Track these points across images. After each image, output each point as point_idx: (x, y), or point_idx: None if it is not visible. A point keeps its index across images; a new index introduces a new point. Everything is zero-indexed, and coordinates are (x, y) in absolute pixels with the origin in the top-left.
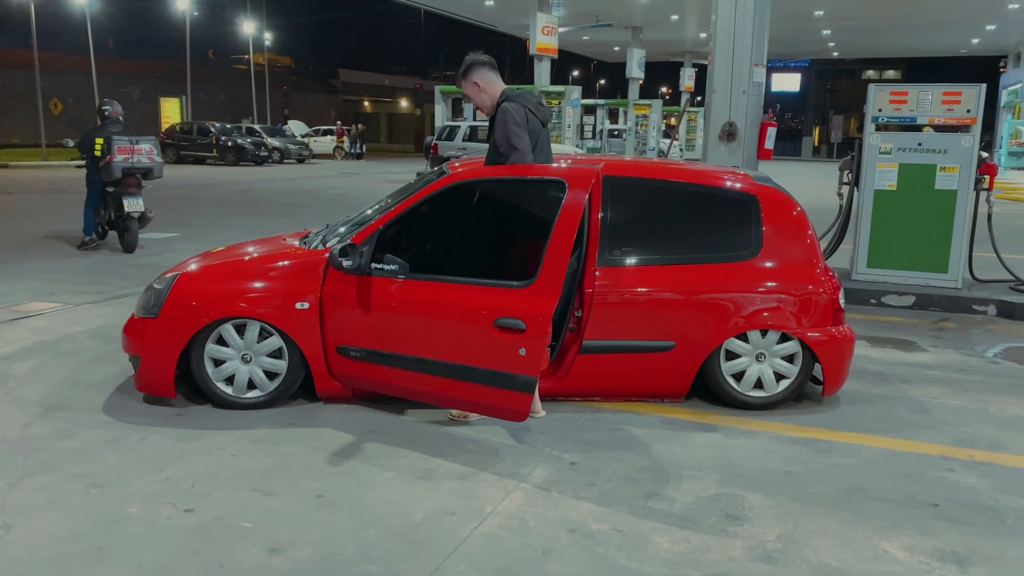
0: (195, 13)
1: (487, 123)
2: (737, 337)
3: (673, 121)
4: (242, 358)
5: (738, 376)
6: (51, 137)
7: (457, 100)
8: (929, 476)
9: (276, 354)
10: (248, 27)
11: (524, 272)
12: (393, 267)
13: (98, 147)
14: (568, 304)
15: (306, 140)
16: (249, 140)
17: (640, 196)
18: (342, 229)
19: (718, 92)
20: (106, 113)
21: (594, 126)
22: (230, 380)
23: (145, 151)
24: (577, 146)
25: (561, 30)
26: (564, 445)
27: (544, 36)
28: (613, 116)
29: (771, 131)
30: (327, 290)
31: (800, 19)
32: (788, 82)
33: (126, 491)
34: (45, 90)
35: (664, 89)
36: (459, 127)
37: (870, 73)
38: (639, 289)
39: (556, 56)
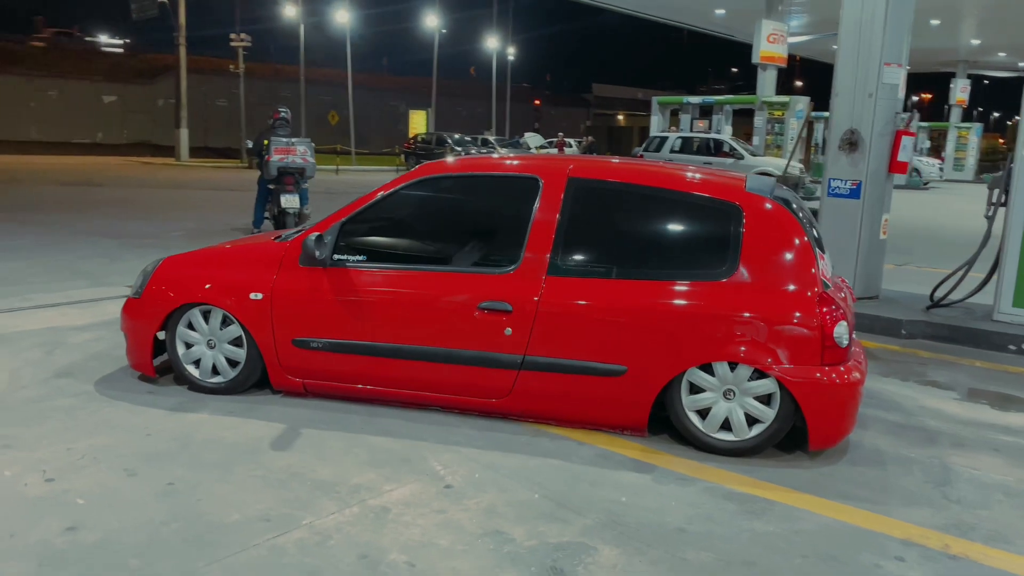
0: (443, 31)
1: (700, 135)
2: (701, 368)
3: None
4: (207, 343)
5: (704, 413)
6: (325, 143)
7: (675, 111)
8: (859, 562)
9: (237, 342)
10: (492, 42)
11: (497, 260)
12: (361, 257)
13: (266, 148)
14: None
15: (538, 152)
16: (483, 151)
17: (603, 201)
18: None
19: (840, 95)
20: (281, 115)
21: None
22: (199, 363)
23: (300, 152)
24: (800, 160)
25: (802, 39)
26: (461, 465)
27: (769, 44)
28: None
29: (906, 140)
30: (280, 282)
31: None
32: None
33: (22, 455)
34: (326, 104)
35: (916, 98)
36: (668, 138)
37: None
38: (589, 304)
39: (784, 65)
